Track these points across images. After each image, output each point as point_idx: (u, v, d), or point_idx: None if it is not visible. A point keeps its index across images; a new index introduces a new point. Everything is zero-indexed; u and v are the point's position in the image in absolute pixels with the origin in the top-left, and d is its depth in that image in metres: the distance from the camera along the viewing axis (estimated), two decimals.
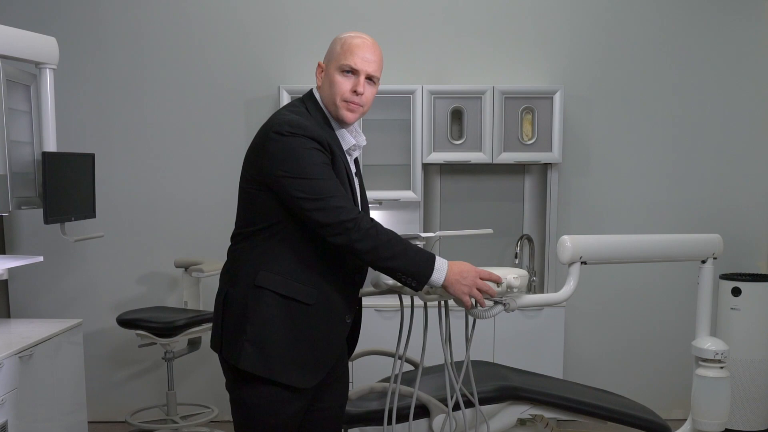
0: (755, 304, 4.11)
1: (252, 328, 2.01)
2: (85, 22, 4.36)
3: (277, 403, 2.06)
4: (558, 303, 2.43)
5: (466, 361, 2.39)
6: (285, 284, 2.02)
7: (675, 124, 4.43)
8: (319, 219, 1.95)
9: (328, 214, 1.94)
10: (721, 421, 2.70)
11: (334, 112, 2.10)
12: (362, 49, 2.09)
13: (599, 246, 2.46)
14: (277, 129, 1.99)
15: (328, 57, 2.11)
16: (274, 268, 2.02)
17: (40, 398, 3.25)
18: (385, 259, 1.95)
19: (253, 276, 2.03)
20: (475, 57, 4.40)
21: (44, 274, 4.41)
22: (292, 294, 2.02)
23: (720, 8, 4.37)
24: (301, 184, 1.95)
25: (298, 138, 1.97)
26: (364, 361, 3.35)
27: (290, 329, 2.02)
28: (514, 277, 2.09)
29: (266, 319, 2.02)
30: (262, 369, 2.02)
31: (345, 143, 2.13)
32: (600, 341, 4.55)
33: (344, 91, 2.07)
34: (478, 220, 4.40)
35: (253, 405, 2.07)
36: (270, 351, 2.02)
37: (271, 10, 4.34)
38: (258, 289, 2.02)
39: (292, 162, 1.96)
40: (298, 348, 2.03)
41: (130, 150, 4.43)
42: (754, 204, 4.47)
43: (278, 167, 1.97)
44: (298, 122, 2.00)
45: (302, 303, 2.03)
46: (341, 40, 2.11)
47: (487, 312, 2.15)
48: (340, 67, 2.06)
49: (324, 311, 2.06)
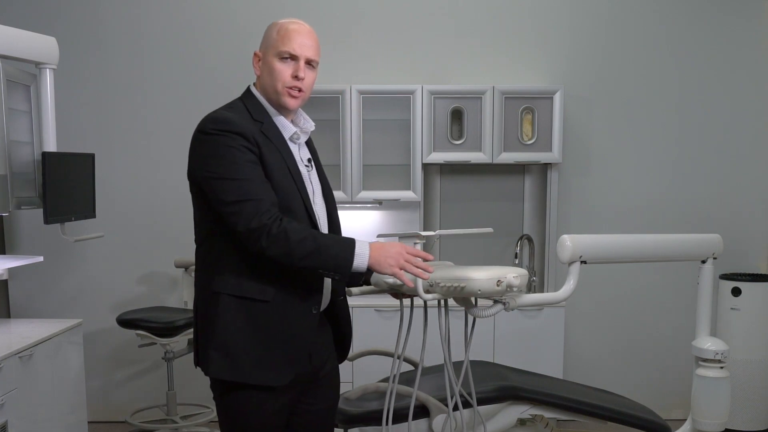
0: (755, 304, 4.10)
1: (216, 335, 1.99)
2: (85, 22, 4.36)
3: (255, 404, 2.03)
4: (558, 302, 2.42)
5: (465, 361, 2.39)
6: (239, 285, 1.98)
7: (675, 124, 4.43)
8: (234, 225, 1.91)
9: (240, 219, 1.90)
10: (721, 421, 2.70)
11: (275, 100, 2.05)
12: (300, 34, 2.04)
13: (599, 245, 2.45)
14: (201, 127, 1.98)
15: (265, 45, 2.06)
16: (226, 270, 1.99)
17: (40, 398, 3.25)
18: (300, 259, 1.90)
19: (209, 282, 2.02)
20: (475, 57, 4.40)
21: (44, 274, 4.41)
22: (247, 294, 1.98)
23: (720, 8, 4.37)
24: (222, 185, 1.92)
25: (220, 136, 1.93)
26: (365, 361, 3.35)
27: (252, 330, 1.99)
28: (513, 276, 2.08)
29: (227, 323, 1.98)
30: (230, 374, 2.00)
31: (286, 131, 2.08)
32: (600, 341, 4.55)
33: (285, 78, 2.02)
34: (478, 220, 4.40)
35: (234, 410, 2.05)
36: (235, 355, 1.99)
37: (271, 10, 4.34)
38: (215, 294, 2.00)
39: (215, 162, 1.93)
40: (264, 347, 2.00)
41: (130, 150, 4.43)
42: (754, 204, 4.47)
43: (202, 167, 1.96)
44: (222, 118, 1.97)
45: (259, 301, 1.98)
46: (276, 26, 2.07)
47: (486, 311, 2.14)
48: (279, 53, 2.02)
49: (284, 306, 2.01)
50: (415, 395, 2.42)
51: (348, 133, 4.16)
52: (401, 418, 2.55)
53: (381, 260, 1.94)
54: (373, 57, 4.39)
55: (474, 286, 2.05)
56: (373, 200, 4.28)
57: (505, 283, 2.06)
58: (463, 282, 2.05)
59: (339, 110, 4.15)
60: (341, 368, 2.33)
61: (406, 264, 1.95)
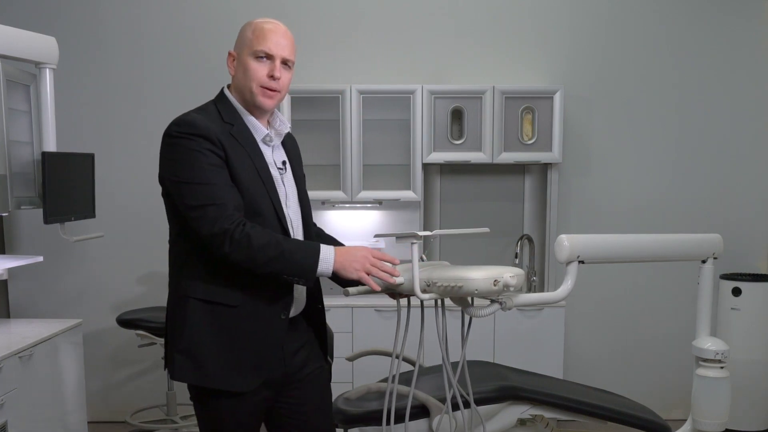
0: (755, 304, 4.10)
1: (182, 339, 1.99)
2: (85, 22, 4.36)
3: (227, 407, 2.01)
4: (555, 302, 2.42)
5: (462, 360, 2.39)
6: (206, 289, 1.98)
7: (675, 124, 4.44)
8: (198, 229, 1.90)
9: (202, 224, 1.88)
10: (721, 421, 2.70)
11: (250, 100, 2.02)
12: (275, 33, 2.00)
13: (597, 245, 2.45)
14: (167, 130, 1.97)
15: (240, 44, 2.02)
16: (194, 274, 1.99)
17: (40, 398, 3.25)
18: (263, 265, 1.88)
19: (178, 285, 2.02)
20: (475, 57, 4.40)
21: (44, 274, 4.41)
22: (214, 298, 1.97)
23: (720, 8, 4.37)
24: (187, 189, 1.91)
25: (184, 139, 1.92)
26: (365, 361, 3.35)
27: (219, 334, 1.97)
28: (510, 276, 2.08)
29: (193, 327, 1.98)
30: (195, 378, 1.99)
31: (258, 133, 2.05)
32: (600, 341, 4.55)
33: (260, 77, 1.99)
34: (478, 220, 4.39)
35: (208, 412, 2.04)
36: (201, 359, 1.97)
37: (271, 10, 4.34)
38: (182, 298, 2.00)
39: (179, 166, 1.92)
40: (231, 352, 1.98)
41: (130, 150, 4.43)
42: (754, 204, 4.47)
43: (168, 171, 1.96)
44: (186, 121, 1.95)
45: (226, 306, 1.97)
46: (252, 25, 2.03)
47: (483, 310, 2.14)
48: (255, 53, 1.98)
49: (252, 311, 1.98)
50: (412, 394, 2.42)
51: (348, 133, 4.16)
52: (402, 418, 2.55)
53: (346, 265, 1.92)
54: (373, 57, 4.40)
55: (471, 285, 2.05)
56: (373, 200, 4.27)
57: (501, 283, 2.07)
58: (461, 282, 2.05)
59: (339, 110, 4.16)
60: (341, 368, 2.33)
61: (371, 268, 1.94)
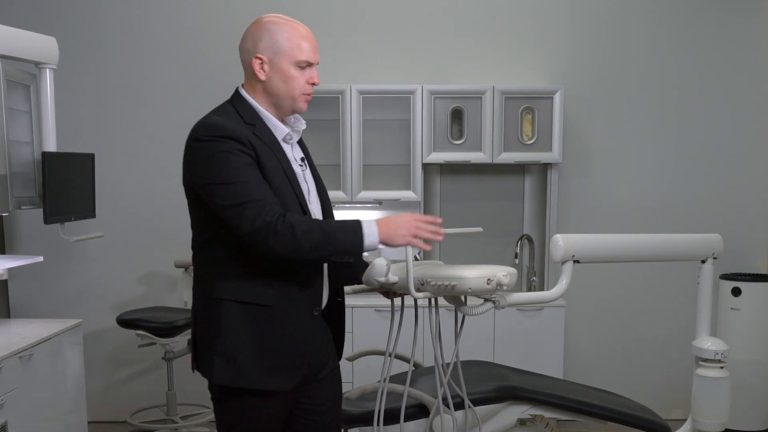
0: (755, 304, 4.10)
1: (219, 341, 1.99)
2: (85, 22, 4.36)
3: (255, 408, 2.03)
4: (549, 301, 2.43)
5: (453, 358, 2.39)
6: (241, 290, 1.98)
7: (675, 124, 4.43)
8: (238, 227, 1.90)
9: (242, 222, 1.88)
10: (721, 421, 2.70)
11: (289, 106, 2.07)
12: (311, 40, 2.08)
13: (592, 245, 2.46)
14: (194, 135, 1.98)
15: (273, 49, 2.05)
16: (228, 276, 1.99)
17: (40, 398, 3.25)
18: (309, 251, 1.89)
19: (211, 288, 2.01)
20: (475, 57, 4.40)
21: (44, 274, 4.41)
22: (250, 299, 1.98)
23: (720, 8, 4.37)
24: (221, 190, 1.91)
25: (215, 142, 1.94)
26: (364, 361, 3.35)
27: (256, 335, 1.99)
28: (503, 275, 2.09)
29: (230, 329, 1.98)
30: (235, 380, 2.00)
31: (278, 133, 2.08)
32: (600, 341, 4.54)
33: (302, 85, 2.05)
34: (478, 220, 4.39)
35: (232, 413, 2.05)
36: (240, 361, 1.98)
37: (271, 10, 4.32)
38: (217, 300, 2.00)
39: (211, 168, 1.93)
40: (269, 352, 2.00)
41: (130, 150, 4.43)
42: (754, 204, 4.47)
43: (199, 175, 1.96)
44: (214, 124, 1.97)
45: (262, 306, 1.98)
46: (283, 30, 2.07)
47: (476, 309, 2.15)
48: (298, 63, 2.04)
49: (287, 309, 2.01)
50: (406, 393, 2.43)
51: (348, 133, 4.16)
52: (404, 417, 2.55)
53: (392, 233, 1.94)
54: (373, 57, 4.40)
55: (464, 284, 2.06)
56: (373, 200, 4.27)
57: (495, 282, 2.08)
58: (454, 281, 2.07)
59: (339, 110, 4.15)
60: (341, 368, 2.33)
61: (418, 231, 1.96)
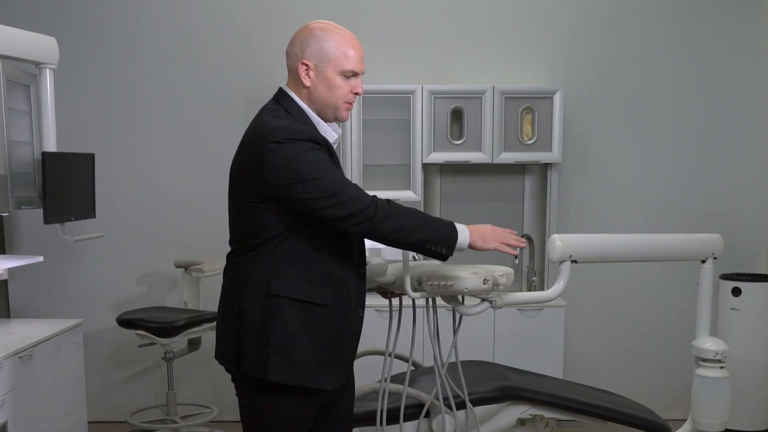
0: (755, 304, 4.10)
1: (274, 339, 2.00)
2: (85, 22, 4.36)
3: (296, 408, 2.06)
4: (546, 301, 2.44)
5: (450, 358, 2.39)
6: (299, 289, 2.02)
7: (675, 124, 4.43)
8: (337, 214, 1.96)
9: (345, 206, 1.96)
10: (721, 421, 2.70)
11: (332, 114, 2.11)
12: (358, 50, 2.10)
13: (590, 245, 2.46)
14: (273, 138, 1.97)
15: (321, 56, 2.06)
16: (286, 275, 2.02)
17: (40, 398, 3.25)
18: (411, 233, 2.00)
19: (266, 286, 2.02)
20: (475, 57, 4.40)
21: (44, 274, 4.41)
22: (308, 298, 2.02)
23: (720, 8, 4.37)
24: (311, 186, 1.95)
25: (296, 143, 1.96)
26: (364, 361, 3.34)
27: (311, 333, 2.03)
28: (500, 275, 2.11)
29: (287, 326, 2.01)
30: (290, 377, 2.02)
31: (330, 137, 2.13)
32: (600, 341, 4.54)
33: (346, 94, 2.09)
34: (478, 220, 4.35)
35: (272, 412, 2.07)
36: (296, 358, 2.01)
37: (271, 9, 4.34)
38: (273, 298, 2.01)
39: (296, 168, 1.96)
40: (322, 350, 2.05)
41: (130, 150, 4.43)
42: (754, 204, 4.47)
43: (282, 176, 1.96)
44: (291, 128, 2.00)
45: (319, 305, 2.03)
46: (333, 38, 2.08)
47: (473, 309, 2.16)
48: (344, 72, 2.07)
49: (340, 309, 2.07)
50: (405, 393, 2.43)
51: (348, 133, 4.16)
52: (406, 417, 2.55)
53: (484, 236, 2.11)
54: (373, 57, 4.37)
55: (461, 284, 2.07)
56: None
57: (491, 282, 2.10)
58: (451, 280, 2.08)
59: None
60: None
61: (505, 238, 2.13)
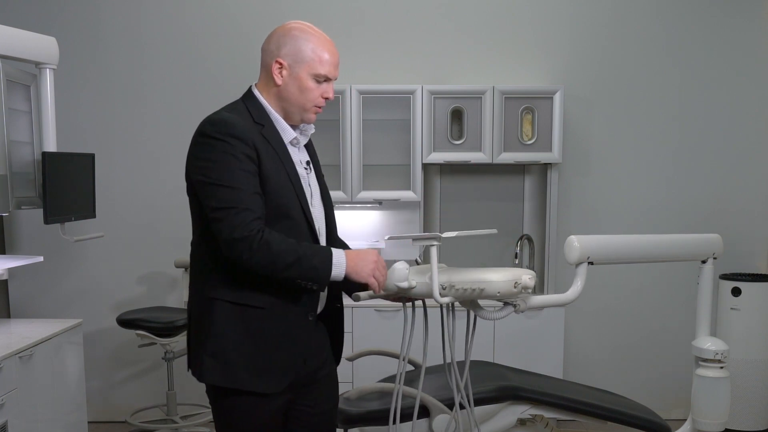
0: (755, 304, 4.10)
1: (210, 341, 1.98)
2: (85, 22, 4.36)
3: (249, 409, 2.02)
4: (566, 304, 2.42)
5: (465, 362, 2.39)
6: (234, 291, 1.97)
7: (675, 124, 4.43)
8: (218, 231, 1.90)
9: (223, 227, 1.88)
10: (721, 421, 2.70)
11: (298, 115, 2.06)
12: (334, 55, 2.05)
13: (606, 246, 2.46)
14: (201, 130, 1.96)
15: (296, 57, 2.02)
16: (221, 275, 1.98)
17: (40, 398, 3.25)
18: (282, 270, 1.89)
19: (204, 287, 2.01)
20: (475, 57, 4.40)
21: (44, 274, 4.41)
22: (243, 300, 1.97)
23: (720, 8, 4.37)
24: (212, 190, 1.91)
25: (220, 141, 1.92)
26: (364, 361, 3.35)
27: (248, 336, 1.98)
28: (528, 278, 2.06)
29: (222, 329, 1.98)
30: (224, 380, 1.99)
31: (286, 135, 2.07)
32: (600, 341, 4.54)
33: (316, 98, 2.04)
34: (478, 221, 4.40)
35: (229, 414, 2.05)
36: (230, 361, 1.98)
37: (270, 10, 4.34)
38: (210, 300, 1.99)
39: (210, 166, 1.92)
40: (260, 354, 1.99)
41: (130, 150, 4.43)
42: (754, 204, 4.47)
43: (198, 171, 1.95)
44: (222, 121, 1.95)
45: (255, 308, 1.97)
46: (310, 40, 2.04)
47: (498, 313, 2.13)
48: (317, 76, 2.02)
49: (280, 313, 1.99)
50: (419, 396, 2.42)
51: (348, 133, 4.16)
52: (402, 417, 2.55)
53: (358, 269, 1.96)
54: (373, 57, 4.39)
55: (493, 288, 2.04)
56: (373, 200, 4.28)
57: (521, 285, 2.06)
58: (482, 284, 2.05)
59: (339, 110, 4.15)
60: (341, 368, 2.33)
61: (375, 272, 1.99)
